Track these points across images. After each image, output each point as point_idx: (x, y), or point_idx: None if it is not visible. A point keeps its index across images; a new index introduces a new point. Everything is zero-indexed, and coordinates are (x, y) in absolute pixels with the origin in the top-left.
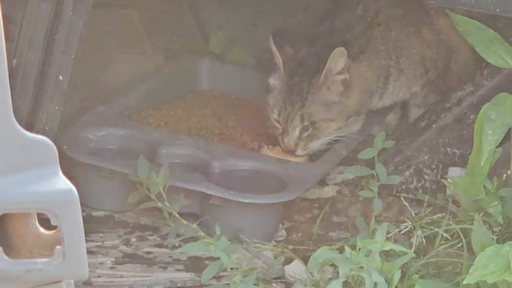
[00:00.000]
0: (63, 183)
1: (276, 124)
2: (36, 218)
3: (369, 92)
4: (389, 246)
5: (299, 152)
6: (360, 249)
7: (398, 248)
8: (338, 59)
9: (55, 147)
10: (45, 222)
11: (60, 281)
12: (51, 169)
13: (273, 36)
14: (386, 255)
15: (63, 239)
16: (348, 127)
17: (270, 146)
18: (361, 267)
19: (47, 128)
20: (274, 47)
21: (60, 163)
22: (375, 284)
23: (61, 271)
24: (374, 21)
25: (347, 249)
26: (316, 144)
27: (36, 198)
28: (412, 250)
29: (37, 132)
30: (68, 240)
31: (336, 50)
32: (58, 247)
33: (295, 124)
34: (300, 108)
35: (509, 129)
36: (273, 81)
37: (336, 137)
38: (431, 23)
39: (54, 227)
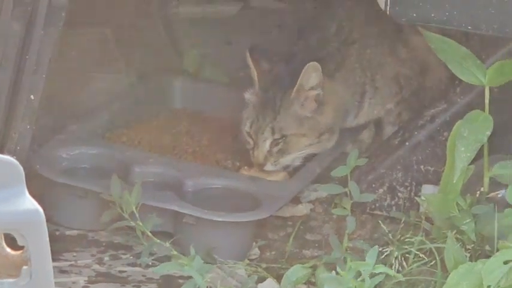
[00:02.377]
0: (29, 203)
1: (248, 138)
2: (2, 238)
3: (343, 109)
4: (380, 268)
5: (268, 166)
6: (349, 269)
7: (389, 271)
8: (311, 74)
9: (21, 168)
10: (12, 242)
11: None
12: (18, 189)
13: (250, 51)
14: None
15: (30, 259)
16: (321, 144)
17: (246, 167)
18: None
19: (18, 147)
20: (250, 62)
21: (33, 182)
22: None
23: None
24: (349, 39)
25: (338, 269)
26: (286, 160)
27: (3, 219)
28: (392, 269)
29: (9, 151)
30: (35, 261)
31: (308, 64)
32: (25, 267)
33: (266, 136)
34: (271, 120)
35: (482, 146)
36: (248, 95)
37: (310, 154)
38: (406, 40)
39: (21, 247)
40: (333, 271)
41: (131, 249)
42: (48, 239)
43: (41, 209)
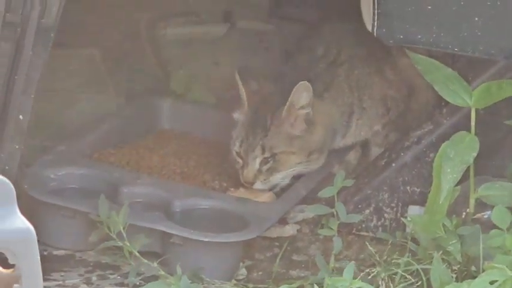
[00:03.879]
0: (21, 222)
1: (237, 158)
2: None
3: (332, 129)
4: (357, 284)
5: (257, 185)
6: (328, 286)
7: (368, 286)
8: (301, 93)
9: (13, 187)
10: (3, 260)
11: None
12: (9, 208)
13: (239, 71)
14: None
15: (21, 278)
16: (310, 164)
17: (232, 189)
18: None
19: (7, 167)
20: (239, 82)
21: (21, 202)
22: None
23: None
24: (337, 60)
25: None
26: (276, 178)
27: None
28: None
29: None
30: (26, 279)
31: (300, 83)
32: (16, 285)
33: (256, 154)
34: (261, 138)
35: (468, 168)
36: (237, 115)
37: (298, 173)
38: (393, 62)
39: (12, 266)
40: None
41: (119, 269)
42: (39, 257)
43: (32, 228)
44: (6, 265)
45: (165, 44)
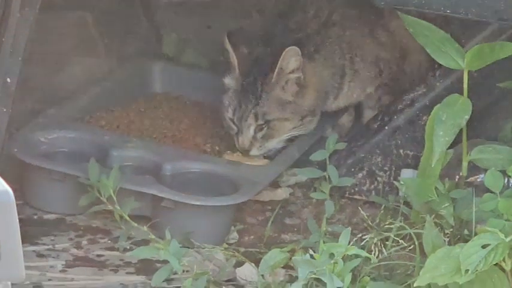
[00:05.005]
0: None
1: (231, 124)
2: None
3: (323, 91)
4: (353, 250)
5: (254, 151)
6: (322, 252)
7: (363, 253)
8: (290, 58)
9: None
10: None
11: None
12: None
13: (228, 36)
14: None
15: None
16: (304, 127)
17: (229, 152)
18: (321, 270)
19: None
20: (229, 47)
21: (11, 166)
22: None
23: None
24: (328, 22)
25: (310, 251)
26: (271, 144)
27: None
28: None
29: None
30: (4, 242)
31: (288, 48)
32: None
33: (250, 123)
34: (254, 106)
35: (461, 131)
36: (228, 81)
37: (292, 135)
38: (385, 24)
39: None
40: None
41: (109, 233)
42: (17, 220)
43: (10, 190)
44: None
45: (157, 7)
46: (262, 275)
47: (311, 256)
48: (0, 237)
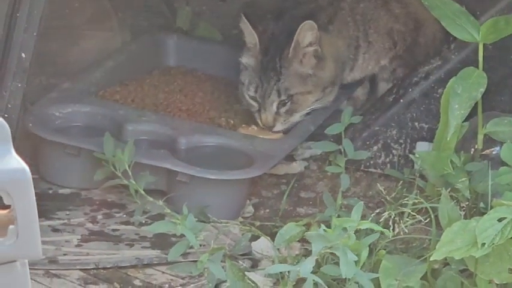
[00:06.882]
0: (15, 162)
1: (252, 102)
2: None
3: (341, 61)
4: (365, 224)
5: (278, 127)
6: (335, 226)
7: (375, 227)
8: (306, 32)
9: (7, 126)
10: None
11: (15, 261)
12: (4, 148)
13: (245, 15)
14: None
15: (16, 219)
16: (325, 98)
17: (244, 125)
18: (335, 245)
19: (9, 105)
20: (248, 26)
21: (26, 140)
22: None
23: (14, 251)
24: None
25: (322, 226)
26: (295, 118)
27: None
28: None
29: (0, 110)
30: (21, 220)
31: (304, 23)
32: (11, 227)
33: (273, 99)
34: (276, 82)
35: (476, 103)
36: (245, 59)
37: (314, 108)
38: None
39: (8, 207)
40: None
41: (124, 207)
42: (34, 197)
43: (27, 168)
44: (1, 206)
45: None
46: (278, 249)
47: (324, 230)
48: (18, 215)
